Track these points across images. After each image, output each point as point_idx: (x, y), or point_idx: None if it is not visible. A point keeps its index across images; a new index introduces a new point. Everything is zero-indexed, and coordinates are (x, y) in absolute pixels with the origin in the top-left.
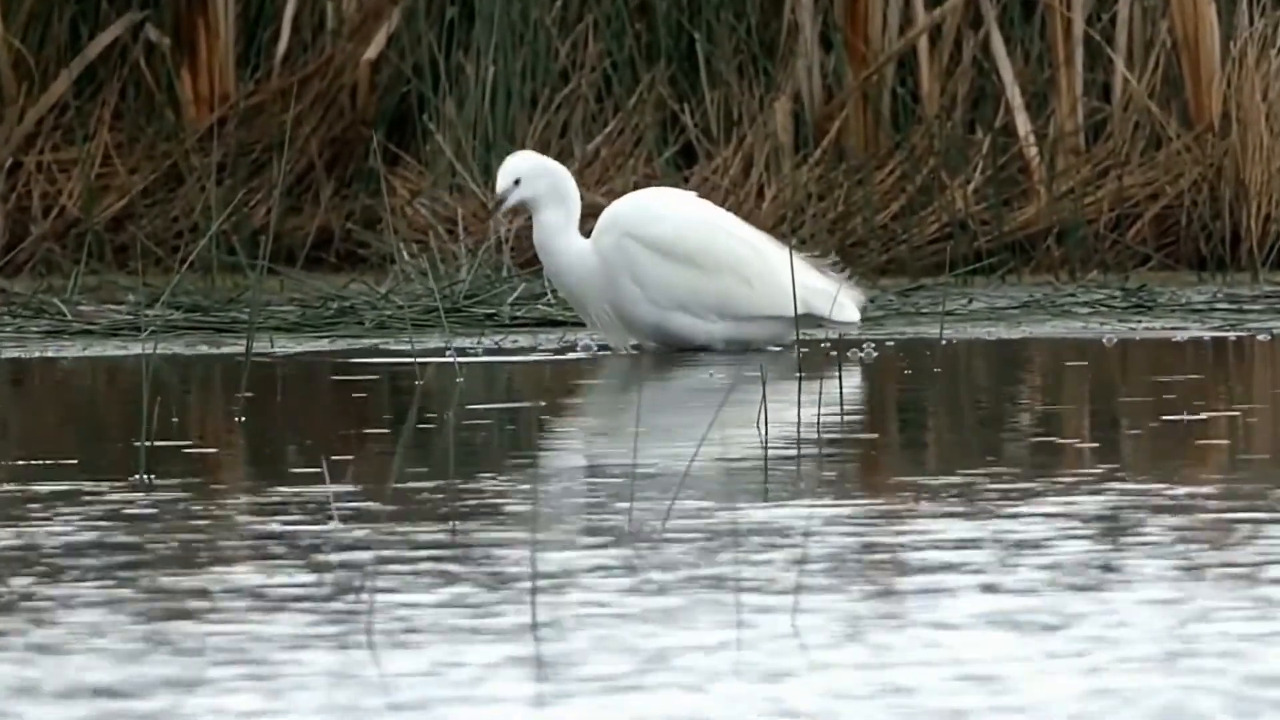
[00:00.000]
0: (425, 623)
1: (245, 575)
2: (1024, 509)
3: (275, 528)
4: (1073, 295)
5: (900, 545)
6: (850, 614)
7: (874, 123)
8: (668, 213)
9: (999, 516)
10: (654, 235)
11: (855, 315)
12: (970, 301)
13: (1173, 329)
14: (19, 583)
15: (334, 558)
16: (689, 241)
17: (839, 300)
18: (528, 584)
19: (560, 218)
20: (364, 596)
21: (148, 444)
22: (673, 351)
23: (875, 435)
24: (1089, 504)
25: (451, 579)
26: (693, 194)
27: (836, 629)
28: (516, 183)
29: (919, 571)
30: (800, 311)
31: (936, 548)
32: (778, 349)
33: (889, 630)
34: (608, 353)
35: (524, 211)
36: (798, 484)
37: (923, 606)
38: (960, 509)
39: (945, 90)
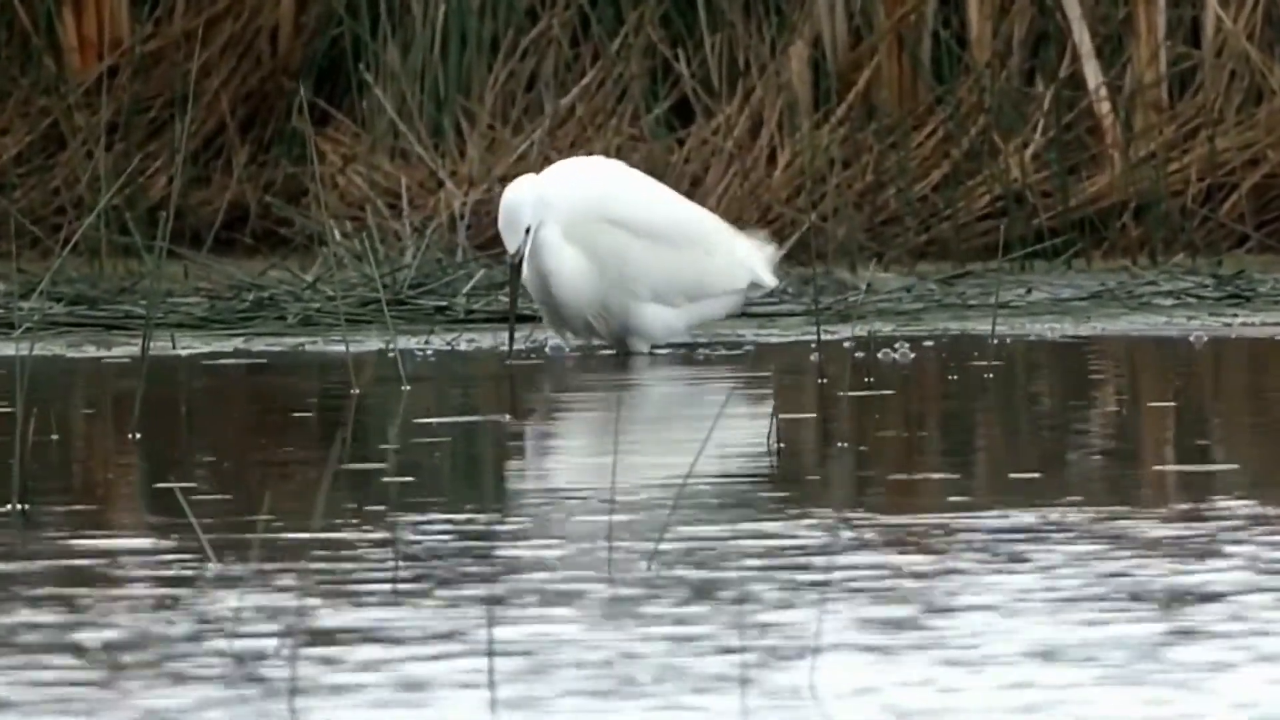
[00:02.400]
0: (355, 694)
1: (137, 627)
2: (1088, 549)
3: (175, 571)
4: (1154, 284)
5: (940, 605)
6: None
7: (911, 73)
8: (632, 187)
9: (1058, 553)
10: (627, 216)
11: (772, 279)
12: (1028, 291)
13: (1275, 325)
14: None
15: (248, 608)
16: (667, 217)
17: (763, 261)
18: (484, 641)
19: (557, 231)
20: (283, 655)
21: (22, 468)
22: (630, 350)
23: (912, 458)
24: (1169, 539)
25: (392, 640)
26: (619, 162)
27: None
28: (527, 231)
29: (958, 635)
30: (747, 282)
31: (980, 594)
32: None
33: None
34: (582, 353)
35: None
36: (814, 518)
37: (959, 666)
38: (1017, 549)
39: (998, 33)
